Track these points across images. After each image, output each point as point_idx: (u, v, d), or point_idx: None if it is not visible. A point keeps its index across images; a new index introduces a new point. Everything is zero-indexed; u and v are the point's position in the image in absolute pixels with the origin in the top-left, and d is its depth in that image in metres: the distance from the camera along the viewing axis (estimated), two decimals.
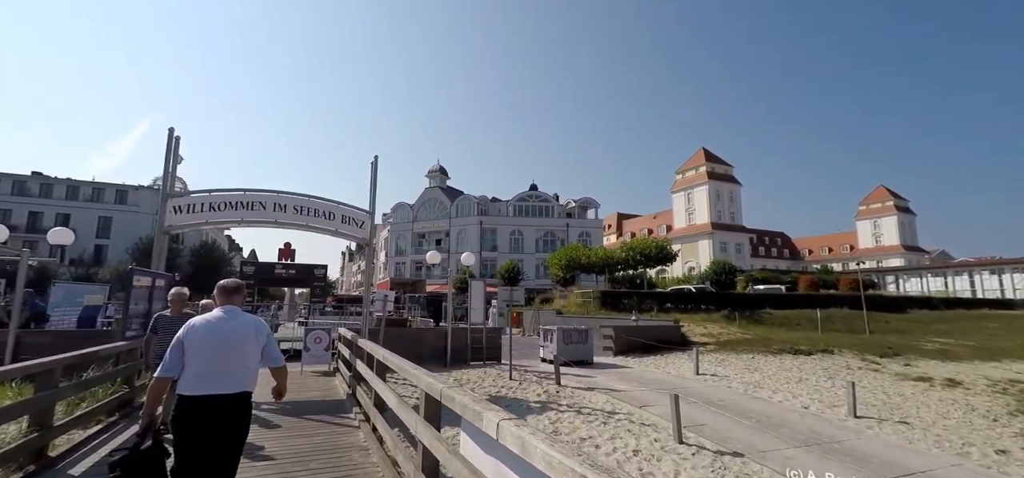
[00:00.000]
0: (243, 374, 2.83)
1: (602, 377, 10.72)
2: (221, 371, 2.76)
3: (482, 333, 12.61)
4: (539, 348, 13.57)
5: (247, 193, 9.65)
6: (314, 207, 10.18)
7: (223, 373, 2.77)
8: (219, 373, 2.75)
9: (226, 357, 2.80)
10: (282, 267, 23.65)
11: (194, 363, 2.74)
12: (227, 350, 2.81)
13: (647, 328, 16.23)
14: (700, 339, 16.62)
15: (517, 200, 59.70)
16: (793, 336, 17.29)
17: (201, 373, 2.73)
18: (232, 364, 2.80)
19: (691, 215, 72.61)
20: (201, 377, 2.73)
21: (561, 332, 12.68)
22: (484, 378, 10.37)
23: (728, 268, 41.76)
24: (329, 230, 10.31)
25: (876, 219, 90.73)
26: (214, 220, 9.40)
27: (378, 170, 10.79)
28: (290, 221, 9.95)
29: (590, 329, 13.20)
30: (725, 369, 12.14)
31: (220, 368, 2.76)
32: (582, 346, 12.93)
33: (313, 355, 10.54)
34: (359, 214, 10.69)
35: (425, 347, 12.17)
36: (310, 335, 10.65)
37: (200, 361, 2.74)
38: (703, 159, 73.21)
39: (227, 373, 2.78)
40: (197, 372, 2.73)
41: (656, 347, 14.79)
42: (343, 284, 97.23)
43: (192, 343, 2.76)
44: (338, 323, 15.33)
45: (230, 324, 2.88)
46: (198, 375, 2.73)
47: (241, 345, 2.85)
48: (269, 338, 3.02)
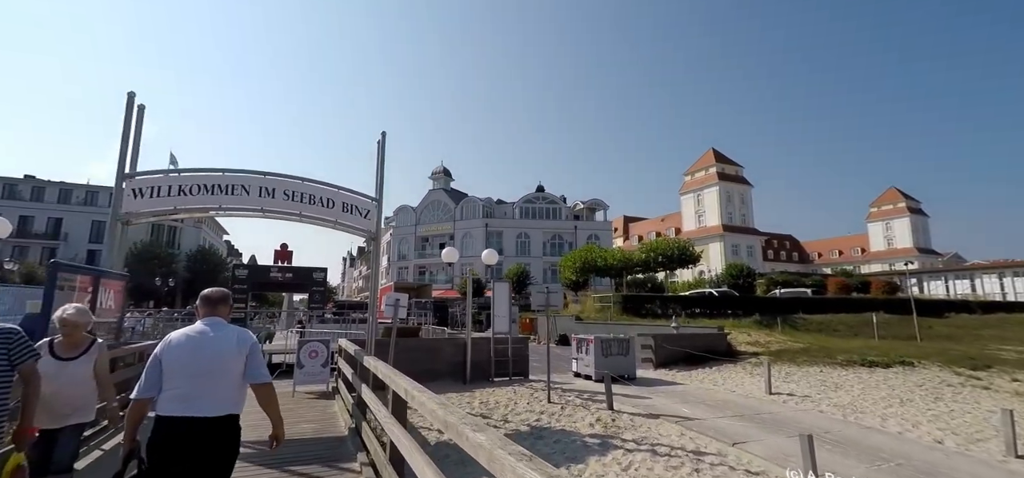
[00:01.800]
0: (229, 394, 2.48)
1: (659, 399, 8.84)
2: (205, 392, 2.41)
3: (507, 344, 10.75)
4: (572, 360, 11.69)
5: (227, 174, 7.81)
6: (309, 193, 8.34)
7: (207, 393, 2.41)
8: (202, 393, 2.40)
9: (209, 375, 2.44)
10: (278, 270, 21.79)
11: (174, 383, 2.40)
12: (210, 367, 2.45)
13: (689, 337, 14.37)
14: (746, 348, 14.76)
15: (523, 202, 57.93)
16: (851, 344, 15.39)
17: (182, 393, 2.39)
18: (216, 383, 2.44)
19: (701, 217, 70.74)
20: (180, 397, 2.38)
21: (600, 343, 10.82)
22: (515, 400, 8.51)
23: (746, 271, 39.85)
24: (327, 221, 8.47)
25: (888, 221, 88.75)
26: (186, 207, 7.56)
27: None
28: (280, 210, 8.11)
29: (631, 339, 11.35)
30: (798, 385, 10.23)
31: (204, 388, 2.41)
32: (623, 359, 11.06)
33: (308, 373, 8.69)
34: (364, 202, 8.85)
35: (441, 361, 10.29)
36: (305, 348, 8.79)
37: (180, 380, 2.41)
38: (713, 160, 71.42)
39: (211, 393, 2.42)
40: (178, 393, 2.39)
41: (701, 358, 12.93)
42: (344, 290, 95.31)
43: (171, 360, 2.44)
44: (339, 332, 13.46)
45: (213, 338, 2.52)
46: (177, 395, 2.39)
47: (225, 361, 2.50)
48: (253, 350, 2.59)
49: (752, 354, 13.93)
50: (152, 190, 7.41)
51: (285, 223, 57.11)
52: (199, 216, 8.83)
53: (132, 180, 7.34)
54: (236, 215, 8.02)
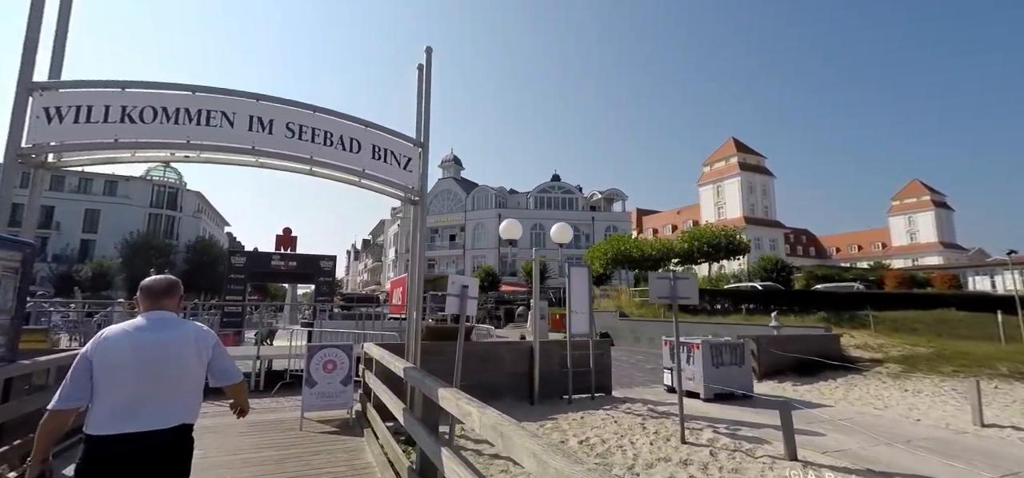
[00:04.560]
0: (181, 402, 2.03)
1: (833, 433, 5.91)
2: (149, 398, 1.94)
3: (588, 351, 8.05)
4: (663, 371, 8.97)
5: (200, 95, 5.10)
6: (325, 129, 5.62)
7: (152, 401, 1.94)
8: (146, 402, 1.93)
9: (156, 380, 1.97)
10: (280, 258, 19.13)
11: (110, 391, 1.90)
12: (157, 371, 1.97)
13: (795, 340, 11.61)
14: (857, 352, 12.06)
15: (538, 191, 55.14)
16: (986, 349, 12.51)
17: (120, 404, 1.90)
18: (168, 390, 1.99)
19: (721, 209, 67.70)
20: (120, 410, 1.89)
21: (710, 349, 8.09)
22: (625, 436, 5.82)
23: (779, 265, 37.00)
24: (350, 173, 5.76)
25: (911, 215, 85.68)
26: (134, 142, 4.84)
27: None
28: (279, 153, 5.41)
29: (745, 343, 8.62)
30: (1010, 412, 7.33)
31: (147, 395, 1.94)
32: (738, 370, 8.35)
33: (322, 394, 6.01)
34: (403, 146, 6.14)
35: (500, 373, 7.58)
36: (318, 358, 6.09)
37: (118, 387, 1.90)
38: (734, 149, 68.35)
39: (158, 401, 1.96)
40: (115, 403, 1.89)
41: (811, 367, 10.19)
42: (347, 284, 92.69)
43: (105, 363, 1.91)
44: (354, 332, 10.77)
45: (161, 336, 2.04)
46: (116, 407, 1.89)
47: (177, 363, 2.03)
48: (217, 349, 2.18)
49: (871, 360, 11.25)
50: (79, 112, 4.68)
51: (287, 197, 53.29)
52: (156, 159, 6.01)
53: (45, 92, 4.62)
54: (213, 159, 5.32)
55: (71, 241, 46.76)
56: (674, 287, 5.80)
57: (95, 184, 49.77)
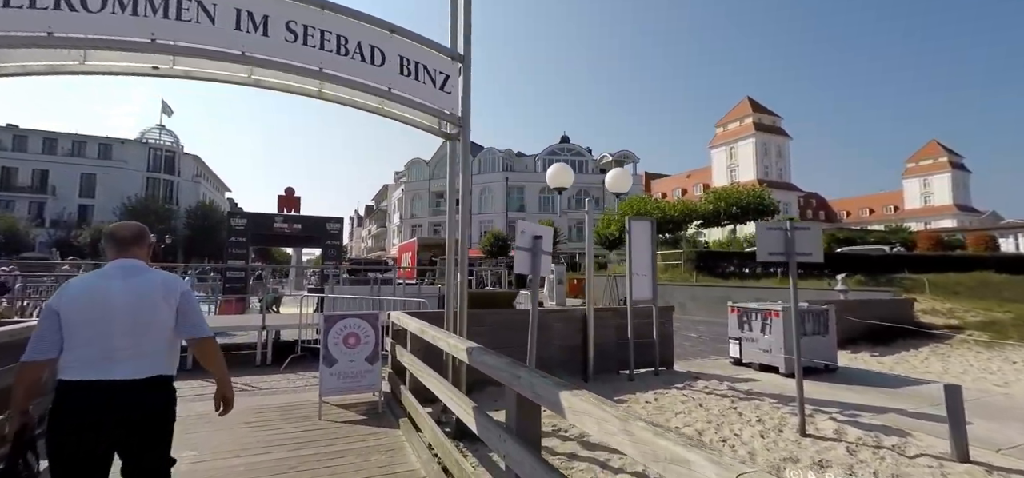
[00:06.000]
0: (157, 353, 1.94)
1: (978, 422, 4.83)
2: (120, 348, 1.85)
3: (651, 319, 6.87)
4: (729, 341, 7.82)
5: None
6: (337, 33, 4.24)
7: (123, 351, 1.86)
8: (118, 351, 1.85)
9: (126, 329, 1.88)
10: (284, 220, 17.90)
11: (79, 341, 1.83)
12: (127, 319, 1.88)
13: (865, 305, 10.40)
14: (926, 319, 10.91)
15: (547, 154, 53.30)
16: None
17: (92, 354, 1.83)
18: (139, 340, 1.90)
19: (733, 172, 65.73)
20: (92, 359, 1.82)
21: (792, 316, 6.91)
22: (713, 426, 4.69)
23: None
24: (372, 91, 4.41)
25: (926, 177, 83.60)
26: (67, 34, 3.45)
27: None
28: (278, 59, 4.05)
29: (829, 310, 7.43)
30: None
31: (118, 344, 1.86)
32: (821, 340, 7.20)
33: (343, 374, 4.85)
34: (437, 58, 4.75)
35: (550, 345, 6.42)
36: (336, 330, 4.91)
37: (87, 337, 1.84)
38: (749, 109, 65.79)
39: (134, 352, 1.87)
40: (87, 354, 1.83)
41: (884, 335, 9.02)
42: (351, 251, 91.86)
43: (71, 311, 1.85)
44: (372, 298, 9.61)
45: (129, 283, 1.93)
46: (86, 358, 1.82)
47: (147, 311, 1.93)
48: (186, 298, 2.04)
49: (947, 327, 10.12)
50: None
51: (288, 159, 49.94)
52: (119, 68, 4.56)
53: None
54: (192, 71, 3.99)
55: (69, 206, 45.57)
56: (791, 240, 4.52)
57: (90, 147, 48.17)
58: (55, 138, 47.06)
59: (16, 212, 41.63)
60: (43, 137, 46.77)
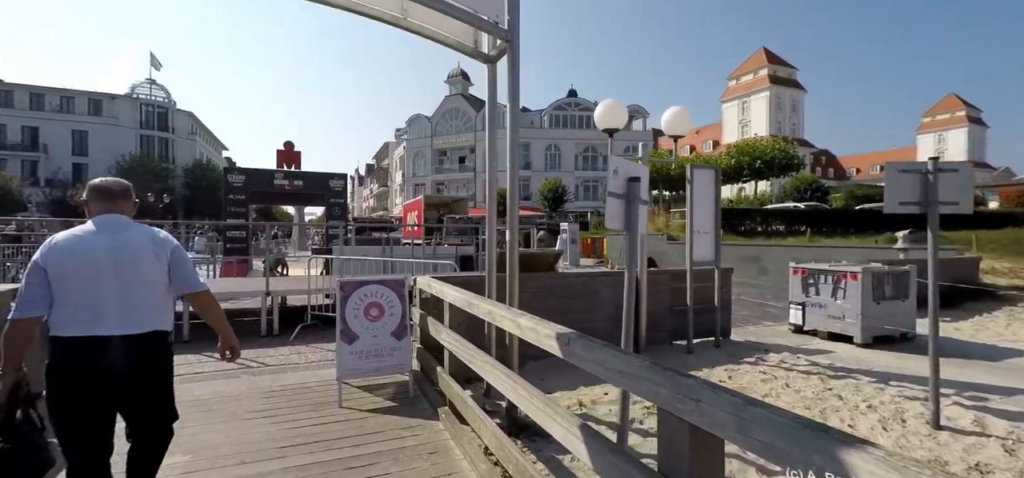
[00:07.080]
0: (149, 308, 1.89)
1: None
2: (111, 304, 1.80)
3: (713, 284, 6.00)
4: (789, 307, 6.97)
5: None
6: None
7: (115, 306, 1.80)
8: (109, 307, 1.79)
9: (116, 284, 1.82)
10: (284, 176, 16.83)
11: (69, 297, 1.78)
12: (116, 273, 1.83)
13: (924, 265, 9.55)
14: (988, 280, 10.10)
15: (553, 109, 51.32)
16: None
17: (83, 310, 1.78)
18: (131, 297, 1.85)
19: (745, 128, 63.66)
20: (83, 316, 1.77)
21: (872, 279, 6.01)
22: (817, 412, 3.91)
23: (814, 184, 34.53)
24: None
25: (941, 132, 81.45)
26: None
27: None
28: None
29: (909, 271, 6.54)
30: None
31: (109, 300, 1.80)
32: (901, 305, 6.33)
33: (364, 351, 4.03)
34: None
35: (597, 314, 5.58)
36: (354, 299, 4.03)
37: (77, 294, 1.78)
38: (764, 60, 63.01)
39: (121, 306, 1.81)
40: (76, 309, 1.78)
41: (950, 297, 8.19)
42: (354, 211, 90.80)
43: (59, 267, 1.78)
44: (383, 259, 8.72)
45: (116, 238, 1.88)
46: (77, 315, 1.77)
47: (135, 265, 1.88)
48: (176, 253, 1.99)
49: (1013, 288, 9.32)
50: None
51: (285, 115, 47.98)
52: None
53: None
54: None
55: (63, 165, 44.32)
56: (933, 186, 3.55)
57: (78, 103, 46.35)
58: (42, 93, 45.19)
59: (8, 171, 40.43)
60: (30, 92, 44.87)
